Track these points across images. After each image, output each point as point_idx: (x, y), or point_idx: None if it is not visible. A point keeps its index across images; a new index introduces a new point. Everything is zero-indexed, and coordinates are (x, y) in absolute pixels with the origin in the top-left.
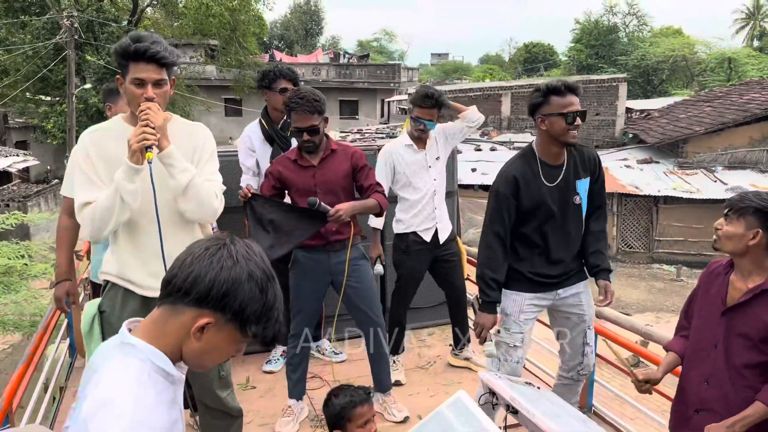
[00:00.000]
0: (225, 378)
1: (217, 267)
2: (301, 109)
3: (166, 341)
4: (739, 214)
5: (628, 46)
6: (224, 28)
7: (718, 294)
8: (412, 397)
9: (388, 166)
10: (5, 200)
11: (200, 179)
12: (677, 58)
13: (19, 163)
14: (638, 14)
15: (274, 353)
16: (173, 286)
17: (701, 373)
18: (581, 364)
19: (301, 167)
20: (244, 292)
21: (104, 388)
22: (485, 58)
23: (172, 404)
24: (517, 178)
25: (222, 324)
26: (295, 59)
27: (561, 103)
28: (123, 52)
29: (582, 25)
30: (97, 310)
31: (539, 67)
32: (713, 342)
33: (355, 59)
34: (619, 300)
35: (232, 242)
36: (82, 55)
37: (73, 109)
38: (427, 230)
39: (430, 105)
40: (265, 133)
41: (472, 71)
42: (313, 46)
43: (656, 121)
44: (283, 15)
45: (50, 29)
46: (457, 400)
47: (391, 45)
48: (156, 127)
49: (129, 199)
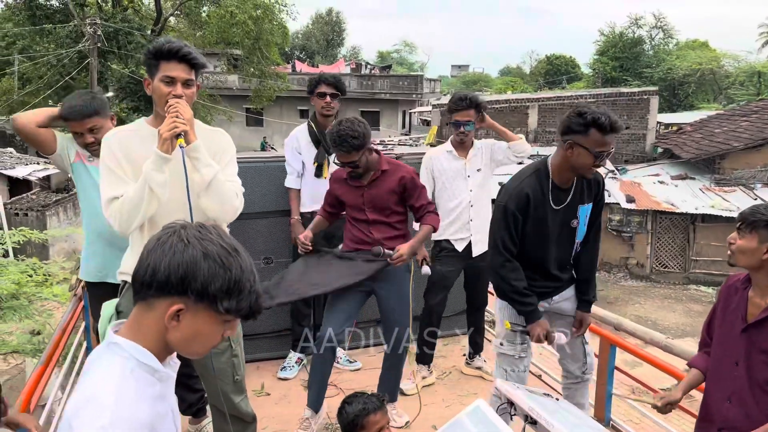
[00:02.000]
0: (239, 382)
1: (170, 253)
2: (339, 150)
3: (147, 337)
4: (751, 227)
5: (653, 59)
6: (247, 37)
7: (738, 310)
8: (427, 407)
9: (428, 171)
10: (24, 209)
11: (222, 176)
12: (704, 71)
13: (39, 171)
14: (665, 27)
15: (288, 360)
16: (138, 282)
17: (724, 391)
18: (585, 364)
19: (352, 186)
20: (203, 271)
21: (87, 386)
22: (505, 70)
23: (158, 399)
24: (529, 197)
25: (193, 307)
26: (316, 70)
27: (598, 141)
28: (156, 51)
29: (606, 38)
30: (115, 310)
31: (561, 79)
32: (734, 359)
33: (377, 70)
34: (656, 324)
35: (183, 227)
36: (105, 63)
37: None
38: (460, 240)
39: (465, 106)
40: (313, 135)
41: (493, 83)
42: (334, 56)
43: (690, 135)
44: (305, 25)
45: (74, 38)
46: (476, 409)
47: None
48: (185, 119)
49: (158, 190)
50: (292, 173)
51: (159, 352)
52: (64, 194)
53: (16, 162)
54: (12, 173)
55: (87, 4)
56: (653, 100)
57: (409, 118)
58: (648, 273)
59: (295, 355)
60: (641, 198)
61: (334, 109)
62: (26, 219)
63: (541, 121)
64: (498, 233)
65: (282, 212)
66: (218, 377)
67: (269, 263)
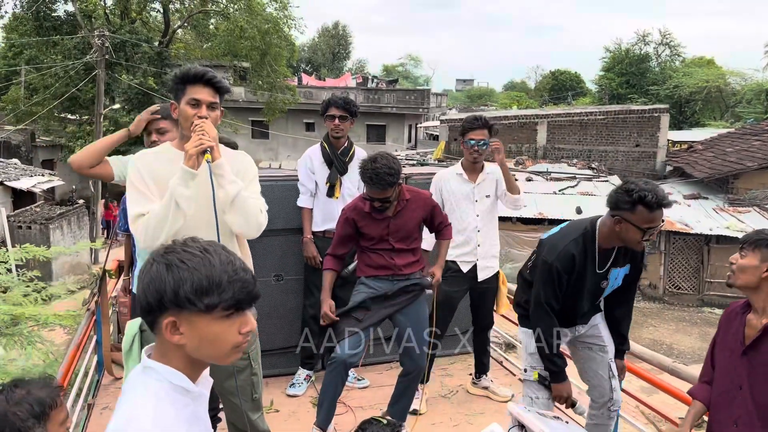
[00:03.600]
0: (257, 401)
1: (143, 277)
2: (375, 187)
3: (174, 358)
4: (754, 246)
5: (659, 75)
6: (255, 50)
7: (737, 335)
8: (434, 426)
9: (437, 192)
10: (27, 222)
11: (246, 193)
12: (711, 89)
13: (44, 183)
14: (671, 44)
15: (297, 377)
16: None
17: (730, 416)
18: (611, 400)
19: (376, 219)
20: (169, 282)
21: (126, 409)
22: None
23: (193, 419)
24: (575, 259)
25: (181, 316)
26: (323, 83)
27: (646, 218)
28: (183, 76)
29: (612, 54)
30: (138, 329)
31: (566, 95)
32: (738, 384)
33: (384, 84)
34: (671, 348)
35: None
36: (112, 74)
37: (101, 130)
38: (465, 263)
39: (481, 125)
40: (326, 155)
41: (497, 97)
42: (339, 69)
43: (701, 154)
44: (311, 39)
45: (81, 49)
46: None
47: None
48: (211, 137)
49: (184, 205)
50: (305, 193)
51: (188, 369)
52: (68, 207)
53: (20, 173)
54: (16, 185)
55: (95, 15)
56: (664, 118)
57: (415, 133)
58: (661, 294)
59: (304, 372)
60: None
61: (344, 130)
62: (29, 232)
63: (550, 138)
64: (542, 289)
65: (292, 230)
66: (236, 395)
67: (279, 280)
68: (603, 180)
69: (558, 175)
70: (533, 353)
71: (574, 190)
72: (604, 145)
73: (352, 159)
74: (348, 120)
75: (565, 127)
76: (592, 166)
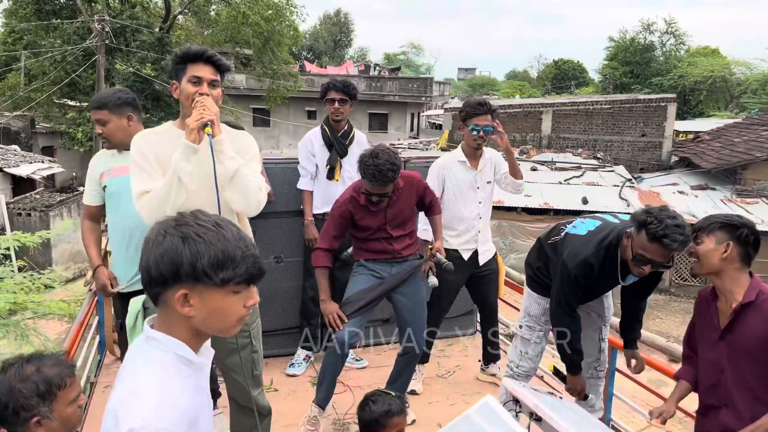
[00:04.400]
0: (258, 377)
1: (153, 248)
2: (377, 184)
3: (178, 329)
4: (707, 231)
5: (664, 65)
6: (258, 37)
7: (711, 322)
8: (431, 405)
9: (440, 179)
10: (27, 209)
11: (246, 170)
12: (716, 78)
13: (44, 170)
14: (676, 33)
15: (296, 357)
16: (145, 287)
17: (718, 400)
18: (597, 360)
19: (372, 211)
20: (186, 254)
21: (131, 378)
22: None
23: (196, 390)
24: (593, 268)
25: (194, 288)
26: (324, 71)
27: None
28: (183, 55)
29: (617, 43)
30: (142, 306)
31: (569, 84)
32: (720, 368)
33: (386, 72)
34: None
35: (160, 223)
36: (112, 61)
37: None
38: (466, 250)
39: (485, 111)
40: (326, 138)
41: (500, 86)
42: (341, 57)
43: (708, 144)
44: (312, 26)
45: (81, 34)
46: (484, 404)
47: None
48: (212, 113)
49: (186, 180)
50: (305, 175)
51: (192, 341)
52: (68, 194)
53: (20, 160)
54: (16, 171)
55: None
56: (671, 107)
57: (417, 121)
58: (667, 286)
59: (303, 353)
60: None
61: (344, 114)
62: (29, 219)
63: (554, 127)
64: (562, 290)
65: (292, 213)
66: (237, 371)
67: (279, 262)
68: (608, 170)
69: (563, 164)
70: (532, 315)
71: (579, 180)
72: (609, 135)
73: (352, 142)
74: (348, 103)
75: (570, 117)
76: (598, 156)
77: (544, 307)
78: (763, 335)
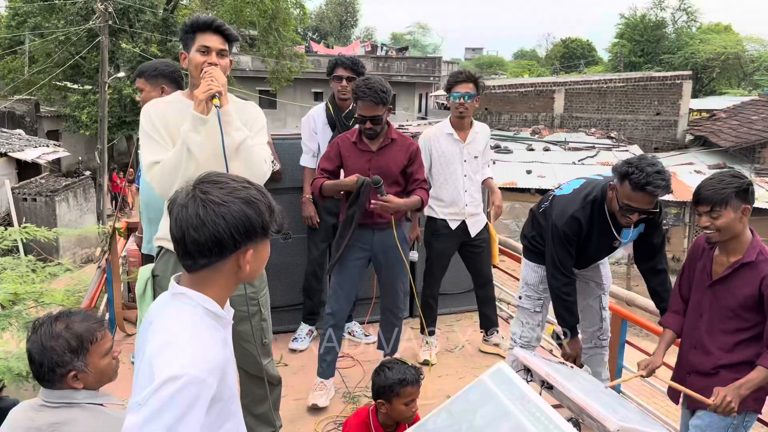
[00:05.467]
0: (267, 346)
1: (220, 220)
2: (367, 99)
3: (213, 289)
4: (725, 203)
5: (675, 42)
6: (263, 16)
7: (704, 269)
8: (441, 379)
9: (425, 150)
10: (32, 194)
11: (251, 141)
12: (729, 55)
13: (49, 154)
14: (688, 9)
15: (299, 332)
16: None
17: (691, 340)
18: (600, 329)
19: (360, 150)
20: (254, 216)
21: (164, 331)
22: (519, 53)
23: (224, 343)
24: (581, 223)
25: (257, 244)
26: (332, 51)
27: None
28: (192, 24)
29: (627, 20)
30: (151, 274)
31: (579, 63)
32: (700, 312)
33: (394, 52)
34: None
35: (202, 192)
36: (116, 42)
37: (106, 99)
38: (454, 221)
39: (465, 78)
40: (329, 117)
41: (507, 66)
42: (347, 37)
43: (725, 122)
44: (318, 6)
45: (84, 15)
46: (498, 370)
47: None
48: (220, 83)
49: (195, 151)
50: (307, 152)
51: (220, 298)
52: (74, 179)
53: (24, 144)
54: (21, 156)
55: None
56: (686, 85)
57: (426, 102)
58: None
59: (306, 327)
60: (678, 189)
61: (349, 92)
62: (35, 204)
63: (567, 106)
64: (555, 250)
65: (299, 189)
66: (247, 340)
67: (287, 239)
68: (623, 150)
69: (576, 144)
70: (530, 284)
71: (593, 161)
72: (623, 114)
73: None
74: (355, 81)
75: (583, 95)
76: (611, 136)
77: (541, 274)
78: (752, 293)
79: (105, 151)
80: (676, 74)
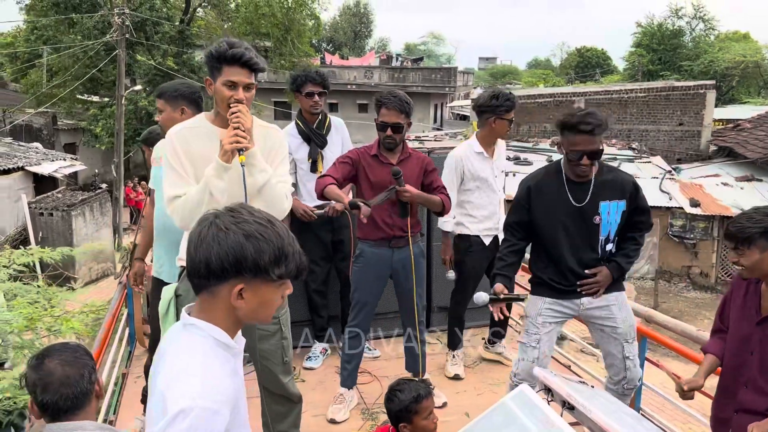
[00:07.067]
0: (287, 364)
1: (215, 244)
2: (391, 105)
3: (219, 318)
4: (748, 243)
5: (693, 51)
6: (277, 27)
7: (752, 304)
8: (459, 395)
9: (458, 171)
10: (49, 209)
11: (275, 180)
12: (748, 64)
13: (65, 168)
14: (705, 18)
15: (313, 351)
16: (196, 278)
17: (741, 378)
18: (625, 378)
19: (381, 162)
20: (250, 251)
21: (175, 362)
22: (533, 63)
23: (234, 374)
24: (531, 189)
25: (251, 283)
26: (346, 62)
27: (571, 142)
28: (219, 55)
29: (644, 29)
30: (174, 294)
31: (594, 72)
32: (750, 350)
33: (409, 62)
34: None
35: (216, 216)
36: (132, 55)
37: (122, 112)
38: (487, 236)
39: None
40: (302, 133)
41: (522, 75)
42: (361, 48)
43: (750, 132)
44: (332, 17)
45: (101, 29)
46: (520, 393)
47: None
48: (246, 129)
49: (218, 195)
50: None
51: (229, 329)
52: (91, 192)
53: (42, 158)
54: (38, 170)
55: None
56: (710, 95)
57: (441, 112)
58: (713, 283)
59: (320, 346)
60: (705, 202)
61: (321, 106)
62: (51, 219)
63: None
64: (508, 215)
65: None
66: (268, 359)
67: None
68: (645, 161)
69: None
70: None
71: None
72: (645, 124)
73: (329, 130)
74: (324, 95)
75: (603, 105)
76: (633, 147)
77: (540, 306)
78: None
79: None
80: (699, 83)
